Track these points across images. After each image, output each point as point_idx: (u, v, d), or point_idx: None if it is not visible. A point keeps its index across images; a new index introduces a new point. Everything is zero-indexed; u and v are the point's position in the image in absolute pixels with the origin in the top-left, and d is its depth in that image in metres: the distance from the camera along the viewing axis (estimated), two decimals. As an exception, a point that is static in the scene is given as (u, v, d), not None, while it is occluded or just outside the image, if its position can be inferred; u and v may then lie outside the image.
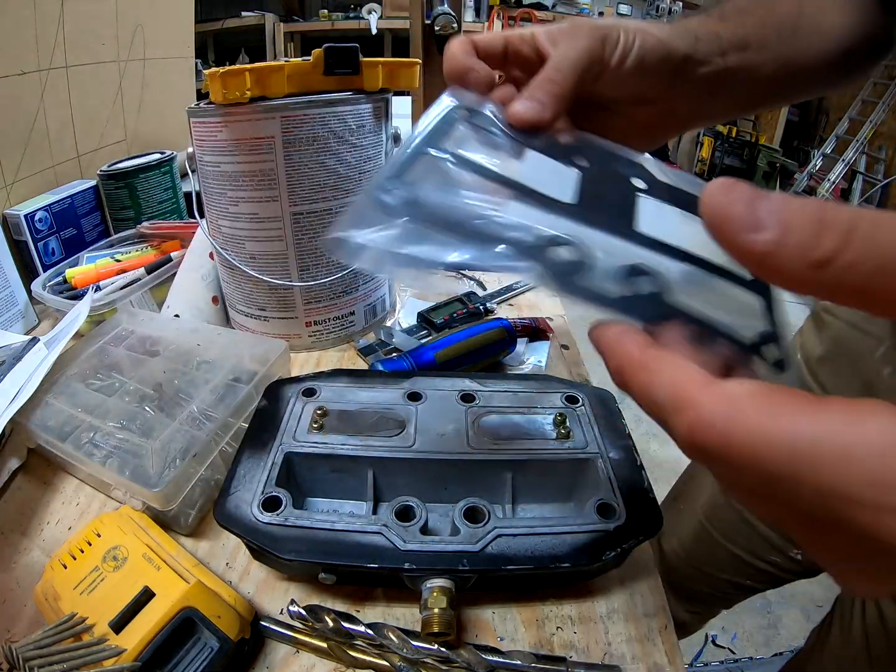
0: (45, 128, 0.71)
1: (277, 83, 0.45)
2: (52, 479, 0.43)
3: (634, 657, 0.31)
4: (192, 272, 0.58)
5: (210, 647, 0.28)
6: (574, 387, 0.44)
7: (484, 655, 0.29)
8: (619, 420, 0.41)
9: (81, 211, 0.73)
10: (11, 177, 0.67)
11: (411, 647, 0.30)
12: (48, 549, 0.37)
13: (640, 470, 0.37)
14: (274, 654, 0.31)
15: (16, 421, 0.40)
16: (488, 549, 0.31)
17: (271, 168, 0.47)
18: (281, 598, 0.34)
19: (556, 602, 0.34)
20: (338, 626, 0.30)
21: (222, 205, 0.50)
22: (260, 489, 0.34)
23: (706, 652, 1.18)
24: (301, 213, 0.49)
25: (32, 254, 0.66)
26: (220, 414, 0.39)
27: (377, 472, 0.37)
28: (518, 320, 0.60)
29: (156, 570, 0.31)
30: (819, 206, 0.14)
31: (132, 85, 0.89)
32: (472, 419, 0.39)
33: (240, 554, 0.37)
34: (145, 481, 0.35)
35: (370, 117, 0.50)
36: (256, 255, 0.52)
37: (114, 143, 0.86)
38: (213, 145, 0.48)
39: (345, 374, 0.45)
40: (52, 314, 0.64)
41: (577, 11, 4.04)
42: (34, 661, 0.27)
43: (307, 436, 0.38)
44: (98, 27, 0.79)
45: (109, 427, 0.39)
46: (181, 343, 0.47)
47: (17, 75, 0.66)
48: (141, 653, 0.27)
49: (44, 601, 0.31)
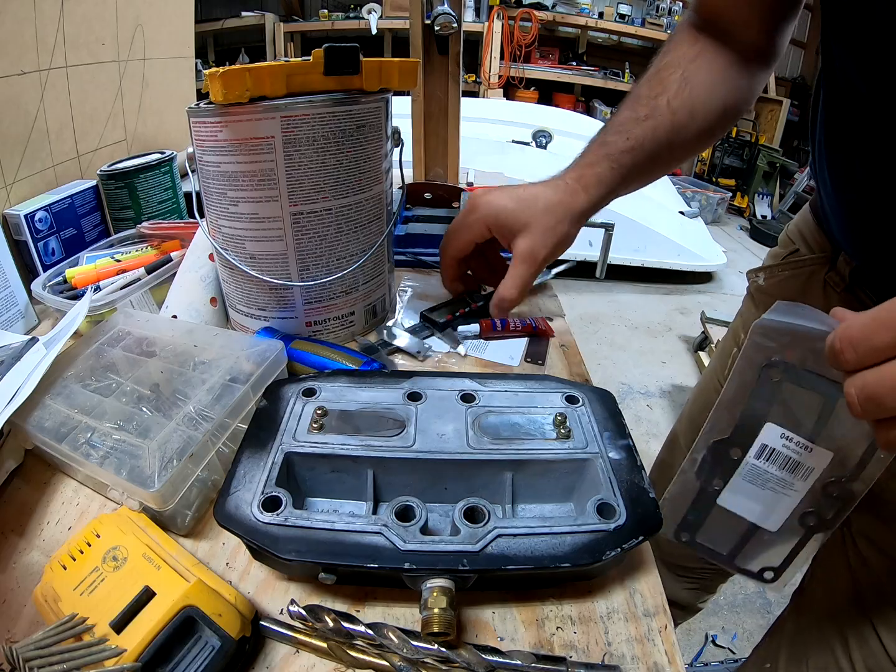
0: (45, 128, 0.71)
1: (277, 83, 0.45)
2: (51, 479, 0.43)
3: (634, 657, 0.31)
4: (191, 273, 0.58)
5: (211, 645, 0.28)
6: (574, 387, 0.44)
7: (484, 655, 0.29)
8: (619, 420, 0.41)
9: (81, 211, 0.73)
10: (11, 177, 0.67)
11: (411, 647, 0.30)
12: (47, 550, 0.37)
13: (640, 470, 0.37)
14: (274, 654, 0.31)
15: (13, 422, 0.40)
16: (488, 549, 0.31)
17: (271, 168, 0.47)
18: (281, 598, 0.34)
19: (556, 602, 0.34)
20: (338, 626, 0.30)
21: (222, 205, 0.50)
22: (260, 489, 0.34)
23: (706, 652, 1.18)
24: (301, 213, 0.49)
25: (32, 254, 0.66)
26: (217, 414, 0.39)
27: (377, 472, 0.37)
28: (519, 321, 0.60)
29: (156, 569, 0.31)
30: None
31: (132, 85, 0.89)
32: (472, 419, 0.39)
33: (240, 554, 0.37)
34: (142, 481, 0.35)
35: (370, 117, 0.50)
36: (256, 255, 0.52)
37: (114, 143, 0.86)
38: (213, 145, 0.48)
39: (345, 374, 0.45)
40: (52, 314, 0.64)
41: (577, 11, 4.04)
42: (34, 662, 0.27)
43: (307, 436, 0.38)
44: (98, 27, 0.79)
45: (106, 428, 0.39)
46: (178, 344, 0.47)
47: (17, 75, 0.66)
48: (142, 652, 0.27)
49: (43, 603, 0.31)
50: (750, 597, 1.31)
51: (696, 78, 0.47)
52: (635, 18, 4.04)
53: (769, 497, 0.34)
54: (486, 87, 3.93)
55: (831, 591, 0.52)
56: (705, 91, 0.47)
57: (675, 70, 0.47)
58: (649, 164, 0.48)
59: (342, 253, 0.53)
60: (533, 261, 0.48)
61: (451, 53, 0.86)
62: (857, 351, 0.23)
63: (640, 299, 2.64)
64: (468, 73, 4.00)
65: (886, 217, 0.40)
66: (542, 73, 4.08)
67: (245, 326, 0.58)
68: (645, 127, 0.47)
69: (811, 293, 0.54)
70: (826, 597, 0.53)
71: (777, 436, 0.32)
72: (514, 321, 0.60)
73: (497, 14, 3.75)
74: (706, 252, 2.71)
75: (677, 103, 0.46)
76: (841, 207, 0.45)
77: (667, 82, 0.47)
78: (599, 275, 0.74)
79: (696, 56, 0.47)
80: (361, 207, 0.53)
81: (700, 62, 0.47)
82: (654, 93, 0.47)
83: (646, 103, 0.47)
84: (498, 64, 3.89)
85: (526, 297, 0.50)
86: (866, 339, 0.23)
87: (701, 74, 0.47)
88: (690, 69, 0.47)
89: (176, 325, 0.51)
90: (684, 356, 2.24)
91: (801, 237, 0.57)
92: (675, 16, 3.97)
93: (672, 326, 2.43)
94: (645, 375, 2.10)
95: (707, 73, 0.47)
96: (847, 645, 0.47)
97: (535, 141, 2.92)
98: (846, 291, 0.50)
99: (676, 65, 0.47)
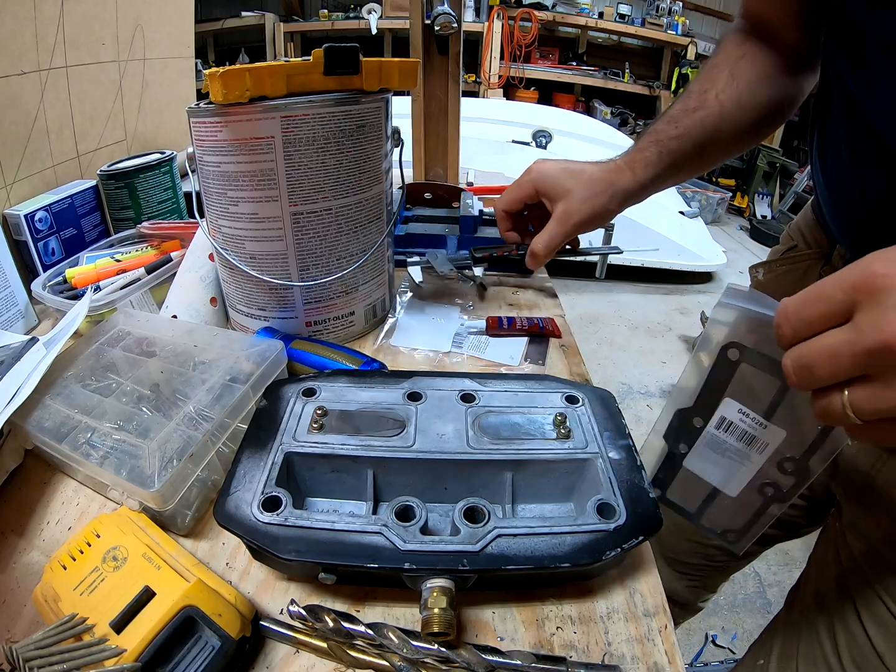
0: (45, 128, 0.71)
1: (277, 83, 0.45)
2: (51, 479, 0.43)
3: (634, 657, 0.31)
4: (191, 273, 0.58)
5: (211, 645, 0.28)
6: (574, 387, 0.44)
7: (484, 655, 0.29)
8: (619, 420, 0.41)
9: (81, 211, 0.73)
10: (11, 177, 0.67)
11: (411, 647, 0.30)
12: (47, 550, 0.37)
13: (640, 470, 0.37)
14: (274, 654, 0.31)
15: (13, 422, 0.40)
16: (488, 549, 0.31)
17: (271, 168, 0.47)
18: (281, 598, 0.34)
19: (556, 602, 0.34)
20: (338, 626, 0.30)
21: (222, 205, 0.50)
22: (260, 489, 0.34)
23: (706, 652, 1.18)
24: (301, 213, 0.49)
25: (32, 254, 0.66)
26: (217, 414, 0.39)
27: (377, 472, 0.37)
28: (526, 320, 0.61)
29: (156, 569, 0.31)
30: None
31: (132, 85, 0.89)
32: (472, 419, 0.39)
33: (240, 554, 0.37)
34: (142, 482, 0.35)
35: (370, 117, 0.50)
36: (256, 255, 0.52)
37: (114, 143, 0.86)
38: (213, 145, 0.48)
39: (345, 374, 0.45)
40: (52, 314, 0.64)
41: (577, 11, 4.04)
42: (34, 662, 0.27)
43: (307, 436, 0.38)
44: (98, 27, 0.79)
45: (106, 428, 0.39)
46: (178, 344, 0.47)
47: (17, 75, 0.66)
48: (142, 652, 0.27)
49: (43, 603, 0.31)
50: (750, 597, 1.31)
51: (743, 74, 0.49)
52: (635, 18, 4.04)
53: (729, 464, 0.37)
54: (486, 87, 3.93)
55: (821, 583, 0.52)
56: (752, 86, 0.50)
57: (723, 68, 0.50)
58: (697, 153, 0.51)
59: (342, 253, 0.53)
60: (566, 222, 0.52)
61: (451, 53, 0.86)
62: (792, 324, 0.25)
63: (640, 299, 2.64)
64: (468, 73, 4.00)
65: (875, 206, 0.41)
66: (542, 73, 4.08)
67: (245, 326, 0.58)
68: (694, 118, 0.50)
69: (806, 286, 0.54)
70: (817, 590, 0.53)
71: (735, 410, 0.35)
72: (520, 320, 0.61)
73: (497, 14, 3.75)
74: (706, 252, 2.71)
75: (725, 96, 0.49)
76: (831, 196, 0.47)
77: (716, 79, 0.50)
78: (599, 275, 0.74)
79: (742, 56, 0.50)
80: (361, 207, 0.53)
81: (746, 61, 0.50)
82: (703, 88, 0.50)
83: (696, 97, 0.50)
84: (498, 64, 3.89)
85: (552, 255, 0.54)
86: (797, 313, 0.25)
87: (747, 72, 0.50)
88: (737, 66, 0.50)
89: (176, 325, 0.51)
90: (684, 356, 2.23)
91: (801, 234, 0.58)
92: (675, 16, 3.97)
93: (672, 326, 2.43)
94: (645, 375, 2.10)
95: (752, 71, 0.50)
96: (834, 635, 0.47)
97: (535, 141, 2.92)
98: None
99: (724, 63, 0.51)
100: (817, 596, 0.52)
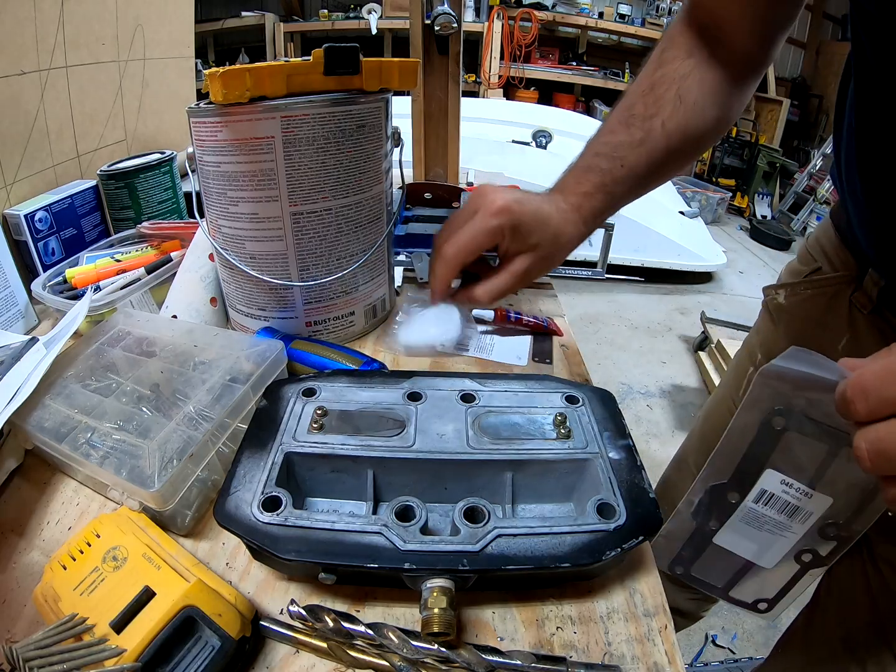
0: (45, 128, 0.71)
1: (277, 83, 0.45)
2: (51, 479, 0.43)
3: (634, 657, 0.31)
4: (191, 273, 0.58)
5: (211, 645, 0.28)
6: (574, 387, 0.44)
7: (484, 655, 0.29)
8: (619, 420, 0.41)
9: (81, 211, 0.73)
10: (11, 177, 0.67)
11: (411, 647, 0.30)
12: (47, 550, 0.37)
13: (640, 470, 0.37)
14: (274, 654, 0.31)
15: (13, 422, 0.40)
16: (488, 549, 0.31)
17: (271, 168, 0.47)
18: (281, 598, 0.34)
19: (556, 602, 0.34)
20: (338, 626, 0.30)
21: (222, 205, 0.50)
22: (260, 489, 0.34)
23: (706, 652, 1.18)
24: (301, 213, 0.49)
25: (32, 254, 0.66)
26: (217, 414, 0.39)
27: (377, 472, 0.37)
28: (529, 318, 0.61)
29: (156, 569, 0.31)
30: None
31: (132, 85, 0.89)
32: (472, 419, 0.39)
33: (240, 554, 0.37)
34: (142, 482, 0.35)
35: (370, 117, 0.50)
36: (256, 255, 0.52)
37: (114, 143, 0.86)
38: (213, 145, 0.48)
39: (345, 374, 0.45)
40: (52, 314, 0.64)
41: (577, 11, 4.04)
42: (34, 662, 0.27)
43: (307, 436, 0.38)
44: (98, 27, 0.79)
45: (106, 428, 0.39)
46: (178, 344, 0.47)
47: (17, 75, 0.66)
48: (142, 652, 0.27)
49: (43, 603, 0.31)
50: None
51: (690, 97, 0.48)
52: (635, 18, 4.04)
53: (766, 538, 0.34)
54: (486, 87, 3.92)
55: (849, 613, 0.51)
56: (698, 109, 0.48)
57: (670, 87, 0.48)
58: (640, 186, 0.50)
59: (342, 253, 0.53)
60: (523, 279, 0.49)
61: (451, 53, 0.86)
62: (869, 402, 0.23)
63: (640, 299, 2.64)
64: (468, 73, 4.00)
65: None
66: (542, 73, 4.08)
67: (245, 326, 0.58)
68: (640, 153, 0.48)
69: (836, 314, 0.52)
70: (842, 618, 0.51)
71: (777, 481, 0.32)
72: (527, 316, 0.61)
73: (497, 14, 3.75)
74: (706, 252, 2.71)
75: (672, 125, 0.47)
76: (873, 218, 0.43)
77: (661, 101, 0.48)
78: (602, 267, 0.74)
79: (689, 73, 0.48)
80: (361, 207, 0.53)
81: (692, 80, 0.48)
82: (649, 112, 0.48)
83: (640, 125, 0.48)
84: (498, 64, 3.89)
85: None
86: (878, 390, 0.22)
87: (693, 93, 0.48)
88: (684, 86, 0.48)
89: (176, 325, 0.51)
90: (684, 356, 2.23)
91: (823, 253, 0.55)
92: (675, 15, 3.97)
93: (672, 326, 2.43)
94: (645, 375, 2.10)
95: (699, 91, 0.48)
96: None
97: (535, 141, 2.92)
98: (874, 313, 0.48)
99: (671, 81, 0.48)
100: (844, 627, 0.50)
